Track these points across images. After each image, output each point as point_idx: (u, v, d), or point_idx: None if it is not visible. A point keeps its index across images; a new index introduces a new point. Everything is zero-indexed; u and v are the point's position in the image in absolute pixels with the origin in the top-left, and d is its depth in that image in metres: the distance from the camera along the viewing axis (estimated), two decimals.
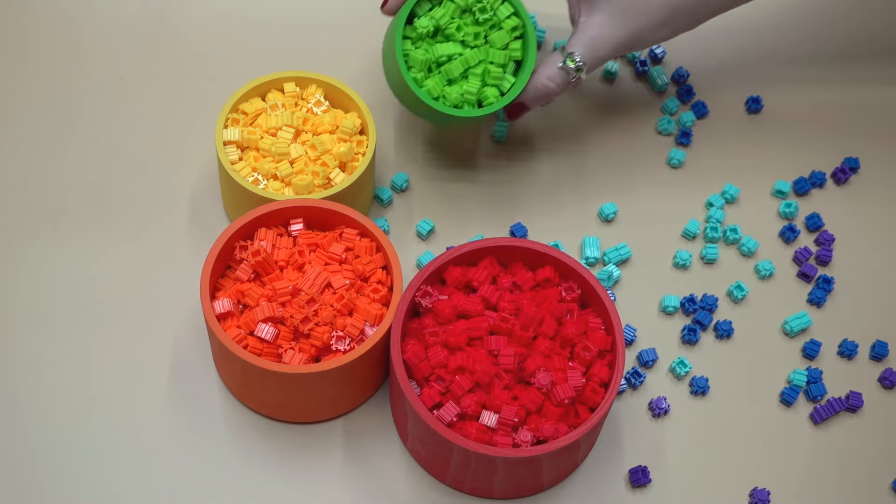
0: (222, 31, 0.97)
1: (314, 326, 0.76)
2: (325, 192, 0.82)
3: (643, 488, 0.80)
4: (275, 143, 0.84)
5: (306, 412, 0.80)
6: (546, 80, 0.83)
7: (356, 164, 0.84)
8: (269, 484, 0.79)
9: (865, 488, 0.81)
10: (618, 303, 0.86)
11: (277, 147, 0.83)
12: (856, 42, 1.00)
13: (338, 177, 0.83)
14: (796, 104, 0.96)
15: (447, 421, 0.73)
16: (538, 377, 0.74)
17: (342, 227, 0.80)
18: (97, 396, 0.81)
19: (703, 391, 0.83)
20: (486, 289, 0.77)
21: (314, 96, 0.86)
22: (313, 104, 0.86)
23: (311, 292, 0.76)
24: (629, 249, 0.88)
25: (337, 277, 0.77)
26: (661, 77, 0.96)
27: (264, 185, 0.83)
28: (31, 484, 0.78)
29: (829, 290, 0.87)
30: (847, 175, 0.92)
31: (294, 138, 0.85)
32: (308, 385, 0.76)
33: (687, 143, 0.93)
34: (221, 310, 0.76)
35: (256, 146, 0.84)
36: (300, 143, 0.85)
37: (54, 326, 0.83)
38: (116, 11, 0.97)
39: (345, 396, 0.80)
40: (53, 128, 0.92)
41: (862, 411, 0.83)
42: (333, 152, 0.83)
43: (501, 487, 0.78)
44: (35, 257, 0.86)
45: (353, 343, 0.76)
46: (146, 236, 0.87)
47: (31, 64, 0.94)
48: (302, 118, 0.85)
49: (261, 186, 0.83)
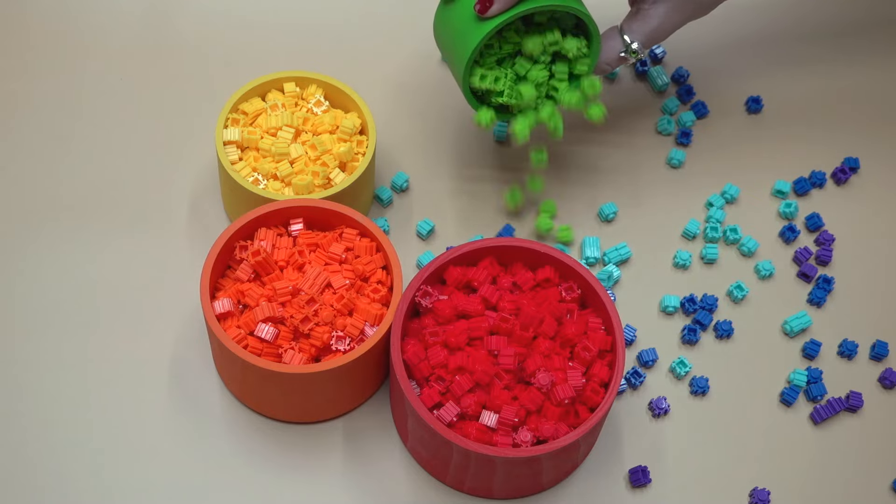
0: (222, 31, 0.97)
1: (314, 326, 0.76)
2: (326, 192, 0.82)
3: (643, 488, 0.80)
4: (275, 143, 0.84)
5: (306, 412, 0.80)
6: (605, 66, 0.83)
7: (356, 164, 0.84)
8: (269, 484, 0.79)
9: (865, 488, 0.81)
10: (618, 303, 0.86)
11: (277, 147, 0.83)
12: (856, 42, 1.00)
13: (338, 177, 0.83)
14: (796, 104, 0.96)
15: (447, 421, 0.73)
16: (538, 377, 0.74)
17: (342, 227, 0.80)
18: (98, 396, 0.81)
19: (704, 391, 0.83)
20: (486, 289, 0.77)
21: (314, 96, 0.86)
22: (313, 104, 0.86)
23: (311, 292, 0.76)
24: (629, 249, 0.88)
25: (337, 277, 0.77)
26: (661, 77, 0.96)
27: (264, 185, 0.83)
28: (31, 484, 0.78)
29: (829, 290, 0.87)
30: (847, 175, 0.92)
31: (294, 138, 0.85)
32: (308, 385, 0.76)
33: (687, 143, 0.93)
34: (221, 310, 0.76)
35: (256, 146, 0.84)
36: (300, 143, 0.85)
37: (55, 326, 0.83)
38: (116, 11, 0.97)
39: (345, 396, 0.80)
40: (53, 128, 0.91)
41: (862, 411, 0.83)
42: (333, 152, 0.83)
43: (501, 487, 0.78)
44: (35, 257, 0.86)
45: (353, 343, 0.76)
46: (146, 236, 0.87)
47: (31, 64, 0.94)
48: (302, 118, 0.85)
49: (261, 186, 0.83)
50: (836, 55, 0.99)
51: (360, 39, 0.97)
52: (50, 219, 0.87)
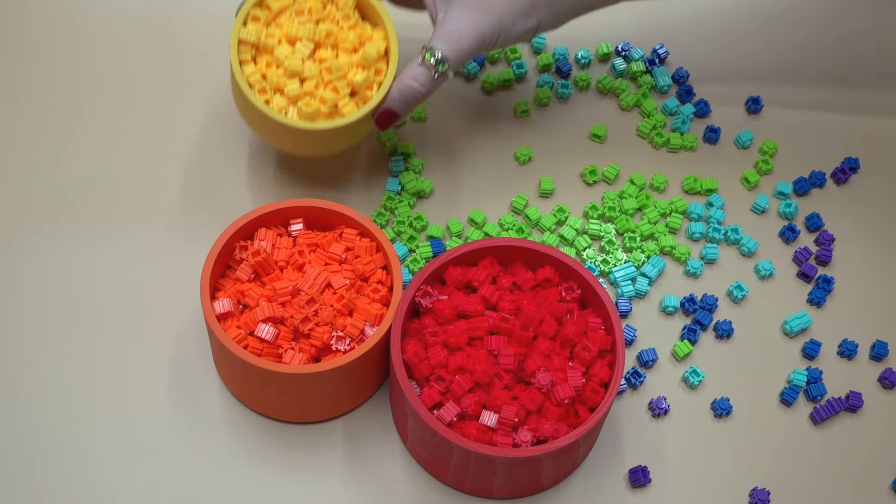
0: (222, 30, 0.97)
1: (314, 326, 0.76)
2: (331, 123, 0.79)
3: (643, 488, 0.80)
4: (289, 57, 0.80)
5: (306, 412, 0.80)
6: (410, 80, 0.80)
7: (369, 94, 0.81)
8: (269, 484, 0.79)
9: (865, 488, 0.81)
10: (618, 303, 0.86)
11: (291, 63, 0.79)
12: (856, 42, 1.00)
13: (346, 106, 0.80)
14: (796, 104, 0.96)
15: (447, 421, 0.73)
16: (538, 377, 0.74)
17: (342, 227, 0.80)
18: (97, 396, 0.81)
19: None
20: (486, 289, 0.77)
21: (345, 5, 0.81)
22: (340, 16, 0.81)
23: (311, 292, 0.76)
24: (664, 261, 0.87)
25: (337, 277, 0.77)
26: (664, 77, 0.96)
27: (268, 98, 0.80)
28: (31, 483, 0.78)
29: (829, 290, 0.87)
30: (847, 175, 0.92)
31: (311, 53, 0.80)
32: (308, 385, 0.76)
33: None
34: (221, 310, 0.76)
35: (272, 51, 0.81)
36: (316, 60, 0.80)
37: (54, 326, 0.83)
38: (116, 11, 0.97)
39: (345, 396, 0.80)
40: (53, 127, 0.91)
41: (862, 411, 0.83)
42: (348, 79, 0.80)
43: (501, 487, 0.78)
44: (35, 257, 0.86)
45: (353, 343, 0.76)
46: (146, 236, 0.87)
47: (30, 64, 0.94)
48: (325, 31, 0.80)
49: (264, 99, 0.80)
50: (835, 55, 0.99)
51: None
52: (49, 218, 0.87)
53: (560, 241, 0.87)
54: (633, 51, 0.97)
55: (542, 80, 0.95)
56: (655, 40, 0.97)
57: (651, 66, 0.96)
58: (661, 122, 0.93)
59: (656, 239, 0.88)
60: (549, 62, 0.96)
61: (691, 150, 0.93)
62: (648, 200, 0.89)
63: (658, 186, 0.90)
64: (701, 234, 0.89)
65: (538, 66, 0.96)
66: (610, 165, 0.90)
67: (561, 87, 0.95)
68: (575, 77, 0.96)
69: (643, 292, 0.86)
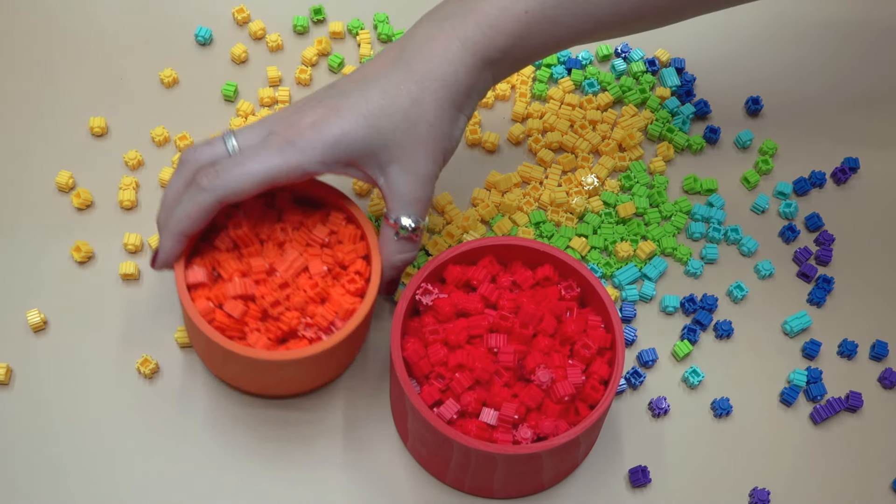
0: (222, 31, 0.97)
1: (284, 311, 0.75)
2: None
3: (643, 488, 0.80)
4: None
5: (266, 388, 0.80)
6: (399, 256, 0.77)
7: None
8: (269, 483, 0.78)
9: (865, 488, 0.81)
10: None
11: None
12: (856, 42, 1.00)
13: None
14: (796, 104, 0.96)
15: (447, 418, 0.73)
16: (538, 374, 0.74)
17: (330, 209, 0.79)
18: (95, 396, 0.81)
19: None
20: (485, 287, 0.77)
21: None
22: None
23: (286, 276, 0.75)
24: (665, 263, 0.87)
25: (315, 262, 0.76)
26: (672, 78, 0.95)
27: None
28: (30, 483, 0.78)
29: (829, 290, 0.87)
30: (847, 175, 0.92)
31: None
32: (269, 368, 0.75)
33: None
34: (194, 279, 0.75)
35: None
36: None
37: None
38: (116, 11, 0.97)
39: (308, 380, 0.79)
40: (53, 127, 0.91)
41: (862, 411, 0.83)
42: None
43: (501, 486, 0.77)
44: (34, 255, 0.85)
45: (320, 332, 0.76)
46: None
47: (31, 64, 0.94)
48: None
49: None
50: (835, 55, 0.99)
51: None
52: (49, 219, 0.87)
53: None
54: (632, 52, 0.97)
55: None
56: (655, 40, 0.97)
57: (651, 66, 0.96)
58: (666, 119, 0.93)
59: (658, 241, 0.88)
60: (552, 61, 0.96)
61: (699, 150, 0.93)
62: (662, 197, 0.89)
63: (658, 187, 0.90)
64: (701, 233, 0.89)
65: (542, 64, 0.96)
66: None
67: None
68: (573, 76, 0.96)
69: (648, 296, 0.86)
